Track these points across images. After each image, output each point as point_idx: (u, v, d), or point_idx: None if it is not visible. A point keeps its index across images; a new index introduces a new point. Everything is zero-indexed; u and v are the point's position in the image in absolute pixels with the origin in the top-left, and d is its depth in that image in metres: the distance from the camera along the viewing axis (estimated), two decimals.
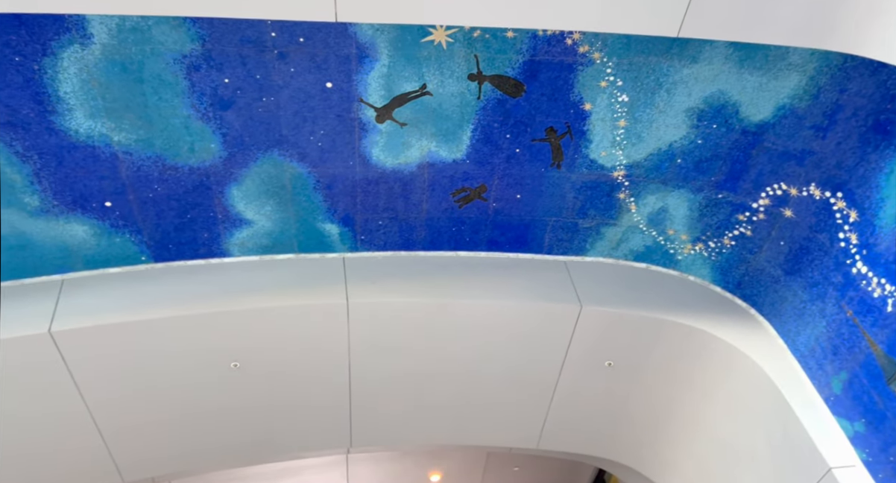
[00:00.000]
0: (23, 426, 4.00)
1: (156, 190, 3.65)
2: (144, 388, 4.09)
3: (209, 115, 3.34)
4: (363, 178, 3.81)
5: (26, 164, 3.26)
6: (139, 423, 4.25)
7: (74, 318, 3.70)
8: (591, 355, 4.36)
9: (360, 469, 6.90)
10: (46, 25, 2.75)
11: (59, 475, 4.41)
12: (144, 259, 3.99)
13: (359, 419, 4.76)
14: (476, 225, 4.14)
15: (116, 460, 4.43)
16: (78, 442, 4.23)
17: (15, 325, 3.64)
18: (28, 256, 3.73)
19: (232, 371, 4.19)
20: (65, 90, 3.02)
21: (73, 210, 3.57)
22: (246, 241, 4.10)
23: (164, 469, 4.68)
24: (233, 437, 4.63)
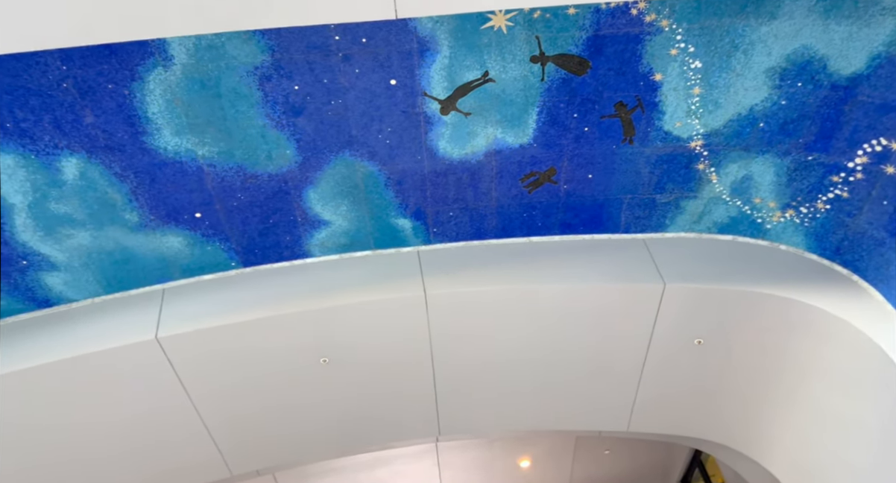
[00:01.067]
0: (136, 427, 4.33)
1: (239, 198, 3.84)
2: (244, 386, 4.33)
3: (283, 122, 3.47)
4: (431, 171, 3.85)
5: (124, 184, 3.51)
6: (242, 418, 4.51)
7: (177, 323, 3.96)
8: (678, 334, 4.22)
9: (450, 457, 7.03)
10: (133, 52, 2.94)
11: (172, 471, 4.75)
12: (234, 265, 4.21)
13: (445, 408, 4.84)
14: (547, 209, 4.09)
15: (224, 454, 4.73)
16: (188, 439, 4.53)
17: (124, 333, 3.94)
18: (131, 269, 4.02)
19: (322, 366, 4.36)
20: (152, 111, 3.23)
21: (167, 223, 3.82)
22: (325, 241, 4.24)
23: (267, 461, 4.94)
24: (327, 430, 4.83)
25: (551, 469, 7.73)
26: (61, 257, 3.72)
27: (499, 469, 7.47)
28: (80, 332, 3.91)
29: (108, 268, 3.91)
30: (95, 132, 3.22)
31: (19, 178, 3.27)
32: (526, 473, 7.71)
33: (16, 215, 3.42)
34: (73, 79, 2.96)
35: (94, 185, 3.44)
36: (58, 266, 3.76)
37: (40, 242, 3.60)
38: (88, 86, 3.01)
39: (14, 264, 3.64)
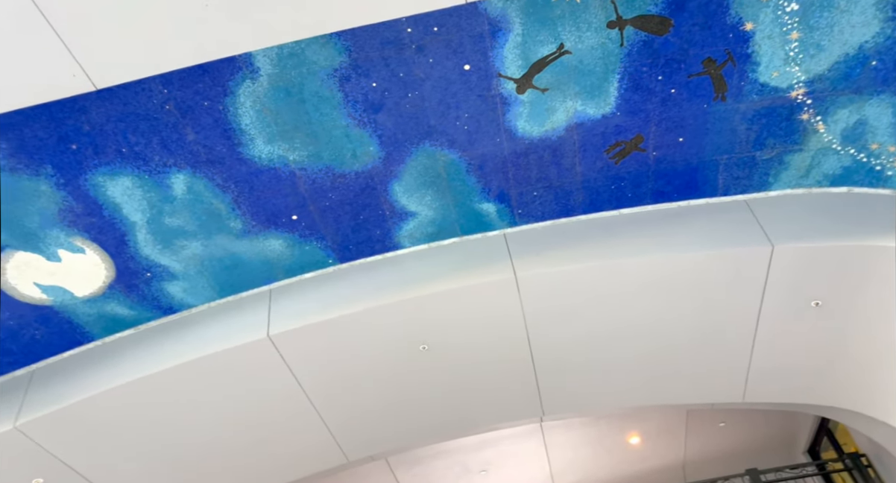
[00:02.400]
0: (256, 420, 4.63)
1: (330, 198, 3.99)
2: (352, 375, 4.52)
3: (364, 120, 3.56)
4: (512, 152, 3.82)
5: (227, 194, 3.75)
6: (353, 406, 4.72)
7: (286, 321, 4.20)
8: (792, 297, 3.96)
9: (555, 436, 7.03)
10: (223, 69, 3.12)
11: (291, 460, 5.06)
12: (332, 261, 4.40)
13: (546, 388, 4.83)
14: (637, 178, 3.95)
15: (339, 441, 4.98)
16: (304, 428, 4.80)
17: (238, 334, 4.22)
18: (240, 273, 4.29)
19: (422, 353, 4.48)
20: (245, 123, 3.42)
21: (267, 227, 4.04)
22: (413, 231, 4.33)
23: (380, 447, 5.16)
24: (433, 414, 4.96)
25: (663, 444, 7.54)
26: (179, 267, 4.04)
27: (607, 446, 7.38)
28: (200, 336, 4.23)
29: (219, 273, 4.20)
30: (197, 148, 3.45)
31: (137, 198, 3.58)
32: (637, 450, 7.57)
33: (137, 232, 3.75)
34: (173, 100, 3.19)
35: (200, 197, 3.70)
36: (177, 275, 4.09)
37: (160, 255, 3.93)
38: (187, 105, 3.23)
39: (140, 277, 4.00)
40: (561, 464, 7.54)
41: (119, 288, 4.00)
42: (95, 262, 3.79)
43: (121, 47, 2.65)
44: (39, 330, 4.01)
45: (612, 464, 7.72)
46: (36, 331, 4.00)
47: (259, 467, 5.00)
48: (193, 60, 2.76)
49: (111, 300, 4.05)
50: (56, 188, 3.36)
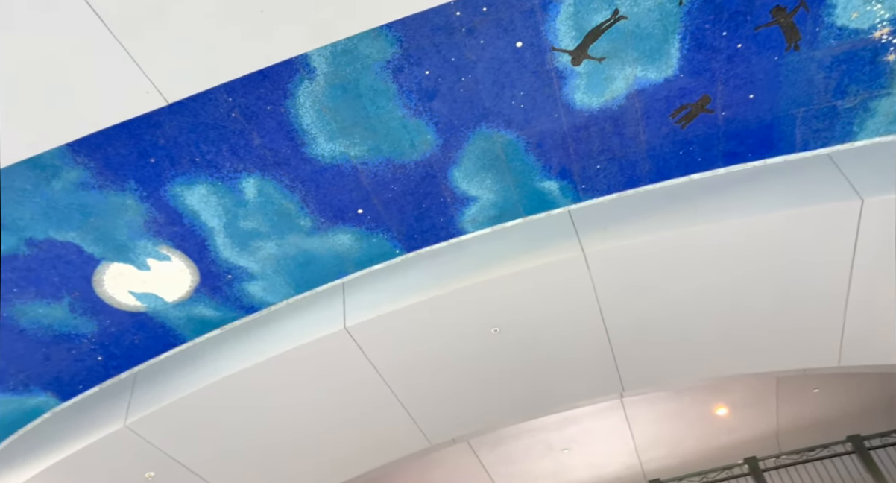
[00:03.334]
0: (339, 409, 4.78)
1: (393, 189, 4.05)
2: (428, 361, 4.60)
3: (419, 109, 3.58)
4: (571, 126, 3.74)
5: (294, 194, 3.87)
6: (432, 391, 4.81)
7: (361, 312, 4.31)
8: (887, 252, 3.70)
9: (638, 411, 6.91)
10: (281, 72, 3.21)
11: (376, 446, 5.21)
12: (398, 252, 4.47)
13: (625, 363, 4.75)
14: (706, 141, 3.78)
15: (421, 426, 5.10)
16: (386, 415, 4.94)
17: (316, 328, 4.37)
18: (313, 269, 4.44)
19: (495, 336, 4.50)
20: (306, 122, 3.51)
21: (335, 223, 4.15)
22: (476, 216, 4.33)
23: (461, 430, 5.25)
24: (512, 394, 4.99)
25: (753, 414, 7.27)
26: (256, 267, 4.23)
27: (693, 419, 7.18)
28: (281, 332, 4.41)
29: (294, 271, 4.36)
30: (264, 151, 3.58)
31: (213, 204, 3.75)
32: (725, 421, 7.34)
33: (216, 236, 3.94)
34: (238, 107, 3.31)
35: (270, 199, 3.84)
36: (255, 275, 4.28)
37: (238, 257, 4.11)
38: (251, 111, 3.35)
39: (222, 279, 4.21)
40: (645, 439, 7.42)
41: (204, 291, 4.22)
42: (181, 268, 4.02)
43: (186, 61, 2.78)
44: (137, 335, 4.30)
45: (699, 436, 7.52)
46: (134, 336, 4.29)
47: (346, 454, 5.19)
48: (254, 67, 2.85)
49: (198, 303, 4.29)
50: (140, 201, 3.57)
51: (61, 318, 3.94)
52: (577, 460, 7.62)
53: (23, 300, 3.75)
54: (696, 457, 7.77)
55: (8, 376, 4.03)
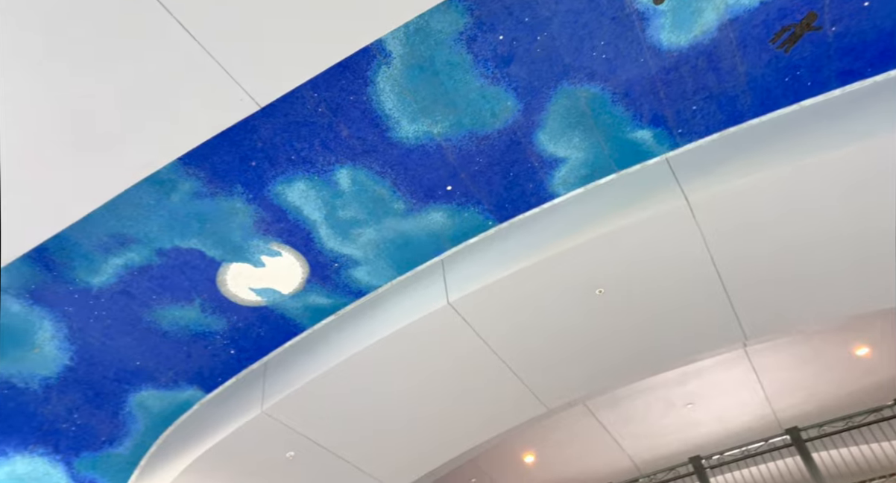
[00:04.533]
0: (452, 381, 4.90)
1: (479, 162, 4.06)
2: (534, 327, 4.61)
3: (497, 76, 3.54)
4: (660, 69, 3.55)
5: (385, 179, 3.98)
6: (543, 356, 4.84)
7: (462, 286, 4.39)
8: None
9: (764, 359, 6.56)
10: (359, 61, 3.29)
11: (492, 414, 5.32)
12: (491, 223, 4.49)
13: (744, 310, 4.52)
14: (815, 62, 3.46)
15: (535, 392, 5.15)
16: (499, 384, 5.02)
17: (421, 305, 4.50)
18: (411, 249, 4.56)
19: (600, 297, 4.43)
20: (388, 107, 3.58)
21: (426, 202, 4.23)
22: (566, 177, 4.25)
23: (576, 393, 5.25)
24: (625, 353, 4.92)
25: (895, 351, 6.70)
26: (359, 254, 4.41)
27: (829, 363, 6.71)
28: (389, 312, 4.59)
29: (394, 253, 4.51)
30: (352, 141, 3.70)
31: (312, 198, 3.94)
32: (864, 361, 6.79)
33: (319, 229, 4.14)
34: (324, 102, 3.43)
35: (364, 187, 3.97)
36: (359, 261, 4.47)
37: (341, 245, 4.31)
38: (336, 103, 3.47)
39: (330, 268, 4.43)
40: (775, 387, 7.05)
41: (315, 281, 4.47)
42: (291, 261, 4.27)
43: (272, 64, 2.91)
44: (262, 328, 4.64)
45: (838, 380, 7.02)
46: (259, 329, 4.63)
47: (465, 424, 5.35)
48: (335, 58, 2.94)
49: (311, 293, 4.55)
50: (248, 203, 3.82)
51: (195, 318, 4.32)
52: (703, 414, 7.39)
53: (161, 305, 4.14)
54: (836, 401, 7.29)
55: (159, 375, 4.50)
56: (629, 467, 8.10)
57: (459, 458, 5.73)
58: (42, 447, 4.24)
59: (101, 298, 3.94)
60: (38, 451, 4.22)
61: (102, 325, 4.06)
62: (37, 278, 3.71)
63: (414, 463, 5.53)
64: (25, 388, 4.07)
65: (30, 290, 3.74)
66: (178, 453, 4.74)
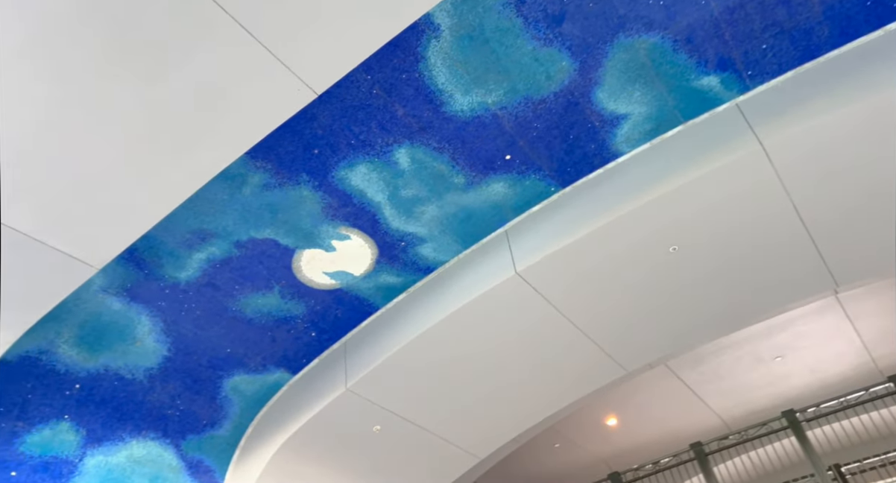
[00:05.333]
0: (528, 350, 4.94)
1: (536, 127, 4.01)
2: (608, 291, 4.57)
3: (549, 36, 3.46)
4: (723, 9, 3.37)
5: (444, 154, 4.01)
6: (618, 319, 4.80)
7: (528, 255, 4.39)
8: None
9: (859, 305, 6.20)
10: (409, 38, 3.30)
11: (572, 380, 5.34)
12: (554, 189, 4.45)
13: (832, 256, 4.29)
14: None
15: (612, 356, 5.13)
16: (576, 350, 5.01)
17: (489, 277, 4.54)
18: (474, 223, 4.59)
19: (673, 254, 4.32)
20: (441, 81, 3.58)
21: (486, 174, 4.24)
22: (630, 134, 4.14)
23: (656, 354, 5.18)
24: (703, 311, 4.80)
25: None
26: (424, 231, 4.49)
27: None
28: (458, 286, 4.66)
29: (458, 228, 4.56)
30: (408, 120, 3.74)
31: (374, 180, 4.03)
32: None
33: (384, 210, 4.24)
34: (377, 83, 3.48)
35: (423, 164, 4.02)
36: (424, 238, 4.55)
37: (406, 224, 4.40)
38: (389, 83, 3.51)
39: (397, 247, 4.54)
40: (874, 333, 6.69)
41: (384, 261, 4.60)
42: (360, 244, 4.40)
43: (325, 52, 2.97)
44: (338, 309, 4.83)
45: None
46: (336, 310, 4.83)
47: (544, 391, 5.41)
48: (384, 38, 2.97)
49: (381, 273, 4.68)
50: (314, 190, 3.95)
51: (276, 304, 4.56)
52: (794, 366, 7.13)
53: (244, 295, 4.39)
54: None
55: (248, 360, 4.79)
56: (718, 425, 7.96)
57: (541, 424, 5.81)
58: (152, 432, 4.63)
59: (189, 292, 4.22)
60: (149, 435, 4.61)
61: (193, 317, 4.35)
62: (131, 277, 4.01)
63: (496, 431, 5.67)
64: (132, 378, 4.45)
65: (126, 289, 4.05)
66: (273, 432, 5.06)
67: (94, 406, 4.32)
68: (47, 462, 4.01)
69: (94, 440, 4.28)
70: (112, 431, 4.39)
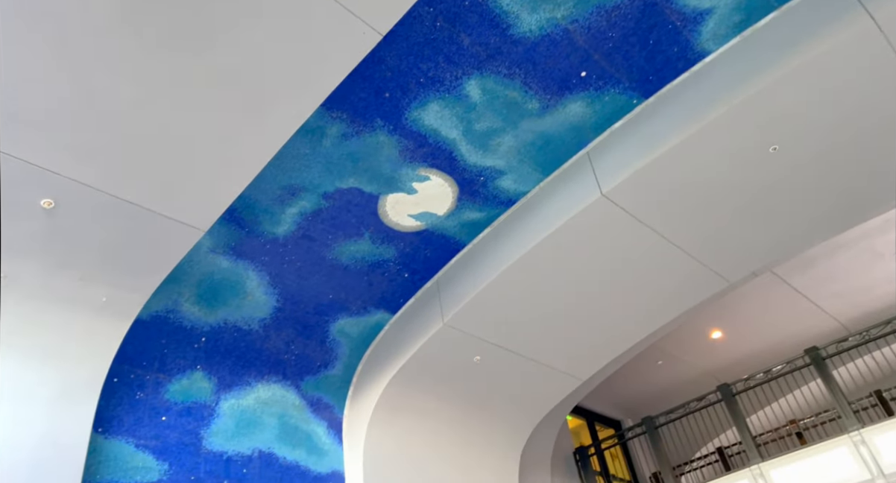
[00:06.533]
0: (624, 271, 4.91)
1: (612, 37, 3.81)
2: (703, 202, 4.40)
3: None
4: None
5: (515, 80, 3.92)
6: (715, 230, 4.65)
7: (613, 175, 4.28)
8: None
9: None
10: None
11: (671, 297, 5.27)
12: (636, 101, 4.26)
13: None
14: None
15: (712, 268, 5.01)
16: (673, 265, 4.93)
17: (573, 203, 4.48)
18: (553, 148, 4.52)
19: (774, 155, 4.07)
20: (505, 3, 3.46)
21: (562, 95, 4.12)
22: (716, 30, 3.85)
23: (759, 261, 5.01)
24: (809, 212, 4.55)
25: None
26: (502, 163, 4.48)
27: None
28: (543, 215, 4.66)
29: (537, 155, 4.51)
30: (475, 49, 3.67)
31: (446, 117, 4.04)
32: None
33: (459, 146, 4.26)
34: (441, 15, 3.42)
35: (494, 94, 3.96)
36: (503, 170, 4.55)
37: (483, 158, 4.40)
38: (452, 13, 3.43)
39: (477, 183, 4.57)
40: None
41: (465, 198, 4.66)
42: (440, 183, 4.48)
43: None
44: (427, 249, 5.00)
45: None
46: (425, 251, 5.01)
47: (643, 310, 5.39)
48: None
49: (464, 210, 4.76)
50: (390, 134, 4.03)
51: (368, 250, 4.79)
52: None
53: (337, 243, 4.64)
54: None
55: (350, 304, 5.12)
56: (835, 328, 7.66)
57: (641, 343, 5.86)
58: (274, 375, 5.12)
59: (288, 245, 4.51)
60: (272, 379, 5.11)
61: (294, 269, 4.68)
62: (234, 236, 4.34)
63: (595, 353, 5.78)
64: (249, 329, 4.90)
65: (231, 248, 4.39)
66: (381, 369, 5.44)
67: (220, 356, 4.82)
68: (189, 407, 4.56)
69: (224, 386, 4.80)
70: (239, 377, 4.89)
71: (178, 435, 4.35)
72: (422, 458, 5.39)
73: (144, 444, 4.16)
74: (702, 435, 7.65)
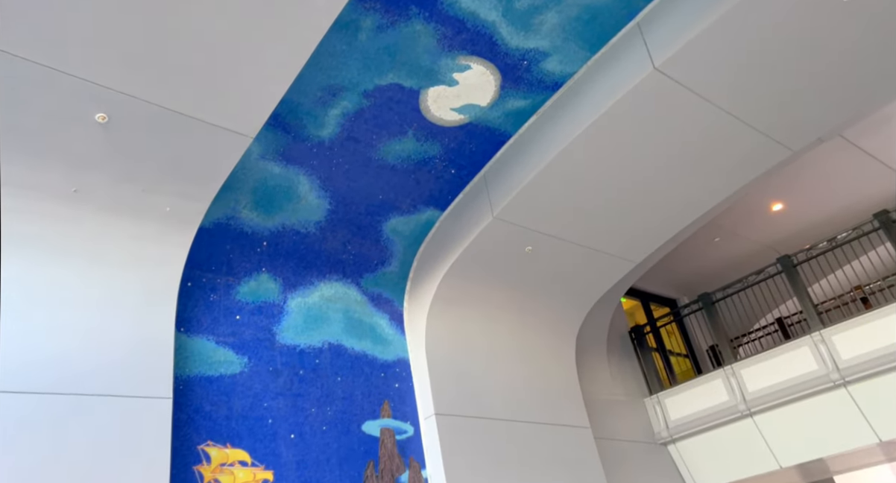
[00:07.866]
0: (683, 147, 4.82)
1: None
2: (761, 66, 4.19)
3: None
4: None
5: None
6: (776, 96, 4.46)
7: (667, 46, 4.08)
8: None
9: None
10: None
11: (733, 168, 5.14)
12: None
13: None
14: None
15: (775, 137, 4.84)
16: (733, 137, 4.78)
17: (624, 81, 4.32)
18: (600, 21, 4.27)
19: (844, 6, 3.77)
20: None
21: None
22: None
23: (824, 127, 4.82)
24: (880, 66, 4.27)
25: None
26: (546, 43, 4.31)
27: None
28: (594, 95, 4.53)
29: (583, 31, 4.30)
30: None
31: None
32: None
33: (499, 29, 4.10)
34: None
35: None
36: (548, 52, 4.38)
37: (525, 40, 4.24)
38: None
39: (520, 68, 4.45)
40: None
41: (508, 85, 4.56)
42: (482, 71, 4.38)
43: None
44: (472, 143, 5.00)
45: None
46: (470, 144, 5.01)
47: (702, 185, 5.32)
48: None
49: (508, 98, 4.68)
50: (426, 22, 3.91)
51: (412, 148, 4.83)
52: None
53: (382, 143, 4.70)
54: None
55: (399, 203, 5.27)
56: None
57: (698, 221, 5.85)
58: (335, 274, 5.44)
59: (334, 148, 4.61)
60: (333, 277, 5.43)
61: (343, 171, 4.81)
62: (281, 142, 4.46)
63: (650, 235, 5.81)
64: (307, 232, 5.16)
65: (280, 153, 4.53)
66: (435, 263, 5.68)
67: (283, 258, 5.14)
68: (259, 306, 4.95)
69: (290, 286, 5.16)
70: (302, 277, 5.24)
71: (252, 332, 4.78)
72: (480, 342, 5.76)
73: (224, 341, 4.60)
74: (760, 307, 7.76)
